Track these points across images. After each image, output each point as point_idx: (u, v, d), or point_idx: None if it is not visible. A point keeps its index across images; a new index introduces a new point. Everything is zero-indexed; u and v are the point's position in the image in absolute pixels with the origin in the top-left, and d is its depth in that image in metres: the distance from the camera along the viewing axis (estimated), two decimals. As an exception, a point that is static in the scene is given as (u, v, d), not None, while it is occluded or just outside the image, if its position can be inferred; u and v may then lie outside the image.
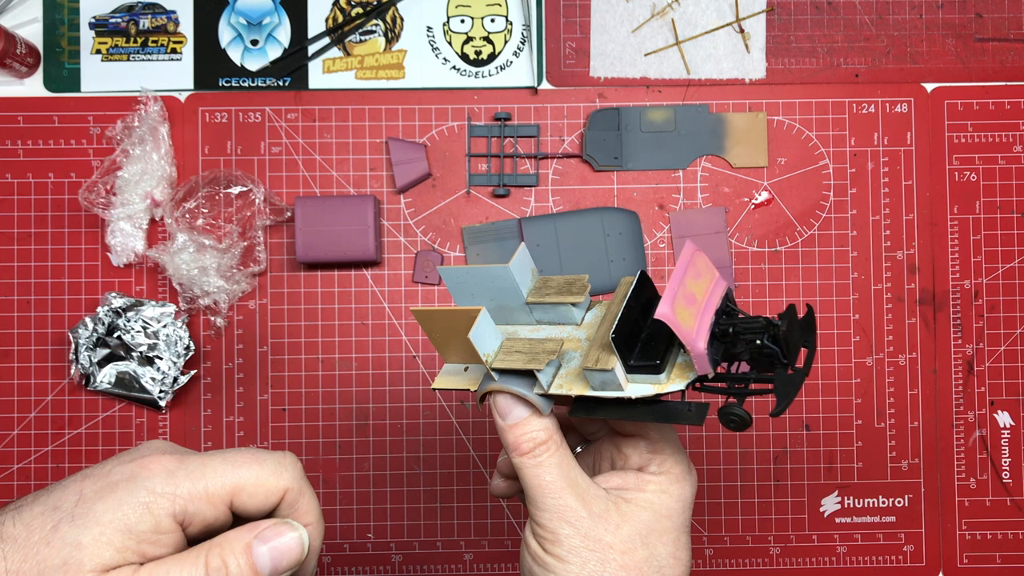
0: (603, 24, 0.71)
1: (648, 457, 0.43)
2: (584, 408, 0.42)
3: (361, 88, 0.70)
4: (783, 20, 0.71)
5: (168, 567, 0.35)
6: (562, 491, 0.41)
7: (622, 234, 0.69)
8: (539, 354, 0.41)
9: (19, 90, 0.70)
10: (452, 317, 0.41)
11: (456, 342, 0.43)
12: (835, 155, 0.71)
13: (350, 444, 0.69)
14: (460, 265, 0.41)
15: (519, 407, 0.42)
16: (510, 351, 0.42)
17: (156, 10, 0.71)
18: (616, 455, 0.44)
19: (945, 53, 0.71)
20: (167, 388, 0.68)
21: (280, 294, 0.70)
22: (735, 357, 0.38)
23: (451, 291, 0.45)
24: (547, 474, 0.41)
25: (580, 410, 0.42)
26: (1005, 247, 0.71)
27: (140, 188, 0.67)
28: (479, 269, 0.43)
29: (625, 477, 0.43)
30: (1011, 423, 0.70)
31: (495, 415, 0.43)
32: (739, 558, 0.70)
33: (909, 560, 0.70)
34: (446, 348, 0.45)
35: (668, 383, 0.39)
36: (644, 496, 0.41)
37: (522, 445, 0.41)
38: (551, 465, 0.41)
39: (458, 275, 0.44)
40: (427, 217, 0.70)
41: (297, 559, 0.37)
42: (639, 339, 0.40)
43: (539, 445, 0.41)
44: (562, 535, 0.40)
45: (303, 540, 0.37)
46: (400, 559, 0.69)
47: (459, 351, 0.44)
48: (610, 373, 0.39)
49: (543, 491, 0.41)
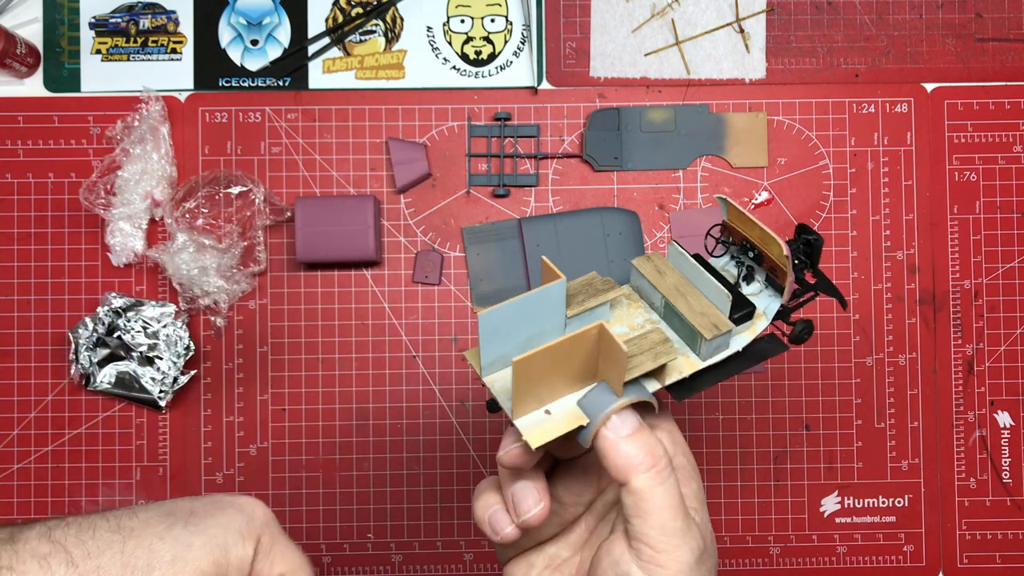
0: (603, 24, 0.71)
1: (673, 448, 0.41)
2: (686, 388, 0.40)
3: (361, 88, 0.70)
4: (783, 20, 0.71)
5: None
6: (686, 513, 0.37)
7: (622, 234, 0.69)
8: (655, 347, 0.39)
9: (19, 90, 0.70)
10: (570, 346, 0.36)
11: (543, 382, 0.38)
12: (835, 155, 0.71)
13: (350, 444, 0.69)
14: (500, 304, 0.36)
15: (633, 417, 0.38)
16: None
17: (156, 10, 0.71)
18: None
19: (945, 53, 0.71)
20: (167, 388, 0.68)
21: (280, 294, 0.70)
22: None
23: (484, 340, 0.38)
24: (673, 492, 0.37)
25: (683, 391, 0.40)
26: (1005, 247, 0.71)
27: (140, 188, 0.67)
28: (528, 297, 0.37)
29: None
30: (1011, 423, 0.70)
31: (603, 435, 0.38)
32: (739, 558, 0.70)
33: (909, 560, 0.70)
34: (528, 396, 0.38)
35: (756, 325, 0.42)
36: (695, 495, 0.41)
37: (646, 460, 0.37)
38: (674, 483, 0.37)
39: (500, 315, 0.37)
40: (427, 217, 0.70)
41: None
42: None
43: (661, 458, 0.37)
44: (685, 562, 0.37)
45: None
46: (400, 559, 0.69)
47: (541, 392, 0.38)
48: (728, 335, 0.40)
49: (671, 512, 0.37)
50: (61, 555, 0.37)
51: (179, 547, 0.38)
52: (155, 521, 0.39)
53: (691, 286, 0.42)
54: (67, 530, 0.38)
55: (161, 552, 0.38)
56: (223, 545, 0.39)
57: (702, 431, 0.70)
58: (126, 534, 0.38)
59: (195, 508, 0.40)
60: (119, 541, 0.38)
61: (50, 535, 0.37)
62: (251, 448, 0.69)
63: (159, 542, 0.38)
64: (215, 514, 0.40)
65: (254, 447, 0.69)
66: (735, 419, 0.70)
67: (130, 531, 0.38)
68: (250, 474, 0.69)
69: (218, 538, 0.39)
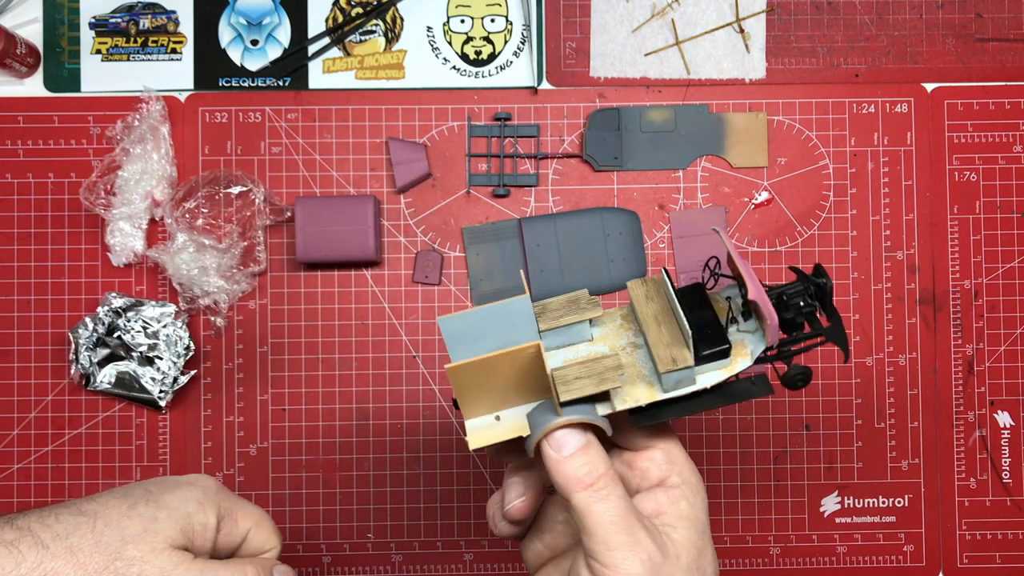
0: (603, 24, 0.71)
1: (668, 468, 0.41)
2: (646, 416, 0.40)
3: (361, 88, 0.70)
4: (783, 20, 0.71)
5: (216, 566, 0.42)
6: (633, 525, 0.38)
7: (622, 234, 0.69)
8: (603, 373, 0.39)
9: (19, 90, 0.70)
10: (503, 361, 0.38)
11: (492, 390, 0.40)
12: (835, 155, 0.71)
13: (350, 444, 0.69)
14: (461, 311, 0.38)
15: (576, 435, 0.39)
16: (566, 380, 0.39)
17: (156, 10, 0.71)
18: (628, 473, 0.42)
19: (945, 53, 0.71)
20: (167, 388, 0.68)
21: (280, 294, 0.70)
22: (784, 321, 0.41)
23: (448, 343, 0.39)
24: (614, 507, 0.38)
25: (643, 419, 0.40)
26: (1005, 247, 0.71)
27: (140, 188, 0.67)
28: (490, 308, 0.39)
29: (656, 498, 0.41)
30: (1011, 423, 0.70)
31: (546, 451, 0.39)
32: (739, 558, 0.70)
33: (909, 560, 0.70)
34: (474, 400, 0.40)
35: (735, 364, 0.40)
36: (682, 514, 0.40)
37: (585, 477, 0.38)
38: (617, 497, 0.38)
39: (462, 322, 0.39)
40: (427, 217, 0.70)
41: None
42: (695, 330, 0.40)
43: (602, 476, 0.38)
44: (635, 575, 0.37)
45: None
46: (400, 559, 0.69)
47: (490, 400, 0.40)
48: (689, 370, 0.39)
49: (613, 527, 0.38)
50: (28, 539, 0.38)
51: (146, 521, 0.41)
52: (115, 503, 0.41)
53: (671, 316, 0.41)
54: (28, 517, 0.40)
55: (130, 528, 0.40)
56: (186, 515, 0.42)
57: (702, 431, 0.70)
58: (91, 516, 0.40)
59: (150, 488, 0.43)
60: (87, 522, 0.40)
61: (13, 523, 0.39)
62: (251, 448, 0.69)
63: (126, 520, 0.41)
64: (171, 491, 0.43)
65: (254, 447, 0.69)
66: (735, 419, 0.70)
67: (94, 513, 0.41)
68: (250, 474, 0.69)
69: (180, 509, 0.42)
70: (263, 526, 0.46)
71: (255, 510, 0.47)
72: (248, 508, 0.46)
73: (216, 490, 0.45)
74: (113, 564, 0.39)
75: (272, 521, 0.48)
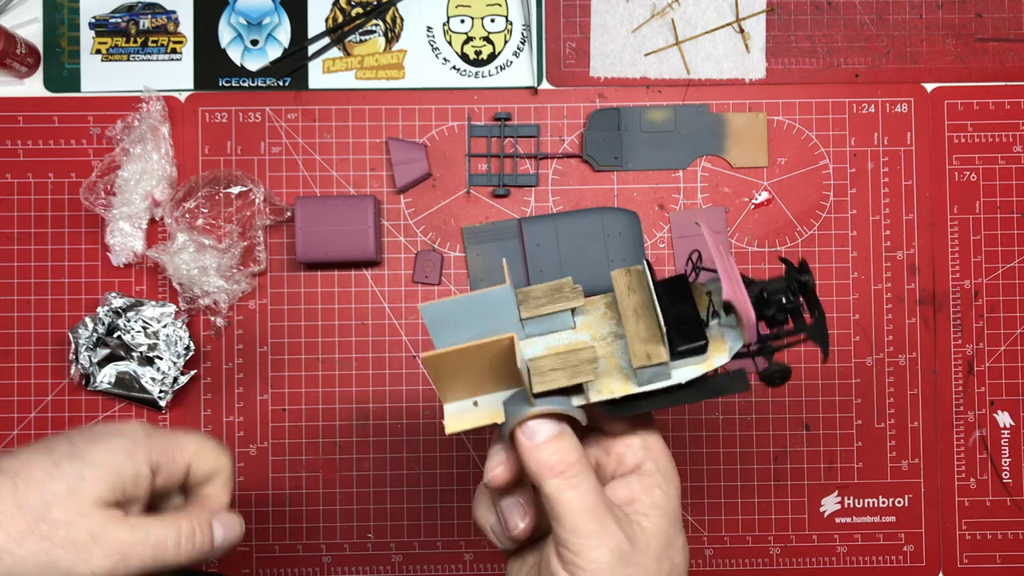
0: (603, 24, 0.71)
1: (644, 455, 0.41)
2: (622, 407, 0.40)
3: (361, 88, 0.70)
4: (783, 20, 0.71)
5: (149, 523, 0.41)
6: (603, 514, 0.38)
7: (622, 234, 0.69)
8: (578, 365, 0.39)
9: (19, 90, 0.70)
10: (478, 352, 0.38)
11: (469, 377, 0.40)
12: (835, 155, 0.71)
13: (350, 444, 0.69)
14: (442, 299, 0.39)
15: (548, 424, 0.39)
16: (541, 371, 0.39)
17: (156, 10, 0.71)
18: (604, 458, 0.43)
19: (945, 53, 0.71)
20: (167, 388, 0.68)
21: (280, 294, 0.70)
22: (766, 318, 0.40)
23: (431, 330, 0.41)
24: (584, 495, 0.38)
25: (619, 410, 0.40)
26: (1005, 247, 0.71)
27: (140, 188, 0.67)
28: (471, 297, 0.40)
29: (630, 485, 0.41)
30: (1011, 423, 0.70)
31: (519, 439, 0.40)
32: (739, 558, 0.70)
33: (909, 560, 0.70)
34: (452, 387, 0.41)
35: (712, 360, 0.40)
36: (655, 503, 0.40)
37: (556, 465, 0.38)
38: (588, 486, 0.39)
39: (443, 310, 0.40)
40: (427, 217, 0.70)
41: (238, 536, 0.45)
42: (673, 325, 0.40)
43: (573, 464, 0.39)
44: (603, 562, 0.37)
45: (243, 525, 0.46)
46: (400, 559, 0.69)
47: (468, 386, 0.41)
48: (663, 365, 0.39)
49: (583, 515, 0.38)
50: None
51: (72, 480, 0.39)
52: (38, 460, 0.39)
53: (651, 310, 0.41)
54: None
55: (55, 488, 0.38)
56: (115, 468, 0.40)
57: (702, 431, 0.70)
58: (11, 475, 0.38)
59: (75, 441, 0.41)
60: (7, 482, 0.38)
61: None
62: (251, 448, 0.69)
63: (50, 480, 0.39)
64: (97, 443, 0.41)
65: (254, 447, 0.69)
66: (735, 419, 0.70)
67: (14, 472, 0.39)
68: (250, 474, 0.69)
69: (108, 463, 0.40)
70: (204, 450, 0.44)
71: (192, 437, 0.44)
72: (183, 438, 0.44)
73: (145, 435, 0.42)
74: (37, 527, 0.37)
75: (214, 441, 0.45)
